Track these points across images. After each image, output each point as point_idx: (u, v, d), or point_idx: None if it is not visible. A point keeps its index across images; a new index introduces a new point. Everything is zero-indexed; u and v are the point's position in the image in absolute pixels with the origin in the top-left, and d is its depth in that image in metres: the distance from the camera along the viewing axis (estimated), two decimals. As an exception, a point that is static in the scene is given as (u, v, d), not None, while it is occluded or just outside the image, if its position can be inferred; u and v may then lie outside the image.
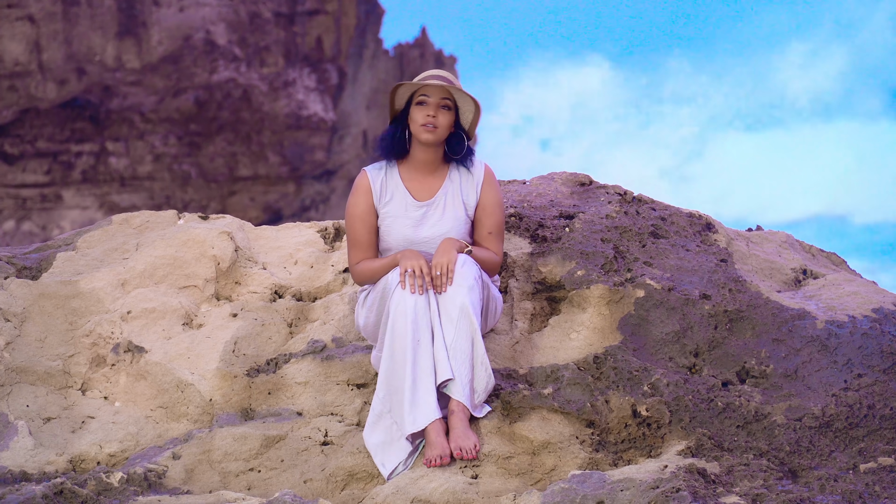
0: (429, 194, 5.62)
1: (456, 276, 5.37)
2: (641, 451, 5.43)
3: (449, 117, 5.54)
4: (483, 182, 5.65)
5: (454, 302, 5.34)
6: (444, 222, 5.58)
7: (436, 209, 5.60)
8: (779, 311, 5.82)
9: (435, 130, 5.51)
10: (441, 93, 5.52)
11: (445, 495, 5.12)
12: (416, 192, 5.62)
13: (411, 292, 5.32)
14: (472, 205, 5.63)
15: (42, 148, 38.56)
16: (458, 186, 5.64)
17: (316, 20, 40.19)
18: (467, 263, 5.42)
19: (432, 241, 5.57)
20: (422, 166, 5.62)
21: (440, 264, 5.38)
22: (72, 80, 38.47)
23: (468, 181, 5.64)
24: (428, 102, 5.51)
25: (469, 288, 5.35)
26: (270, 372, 5.81)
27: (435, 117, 5.50)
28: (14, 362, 5.84)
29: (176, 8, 39.11)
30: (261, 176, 39.62)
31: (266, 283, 6.21)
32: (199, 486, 5.46)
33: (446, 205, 5.61)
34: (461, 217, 5.60)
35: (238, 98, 39.31)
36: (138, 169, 38.93)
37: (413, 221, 5.58)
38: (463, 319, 5.33)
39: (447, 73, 5.61)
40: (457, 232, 5.59)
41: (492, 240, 5.62)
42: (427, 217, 5.59)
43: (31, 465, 5.53)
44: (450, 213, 5.59)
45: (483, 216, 5.63)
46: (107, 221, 6.59)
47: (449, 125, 5.55)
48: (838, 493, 5.02)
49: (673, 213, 6.35)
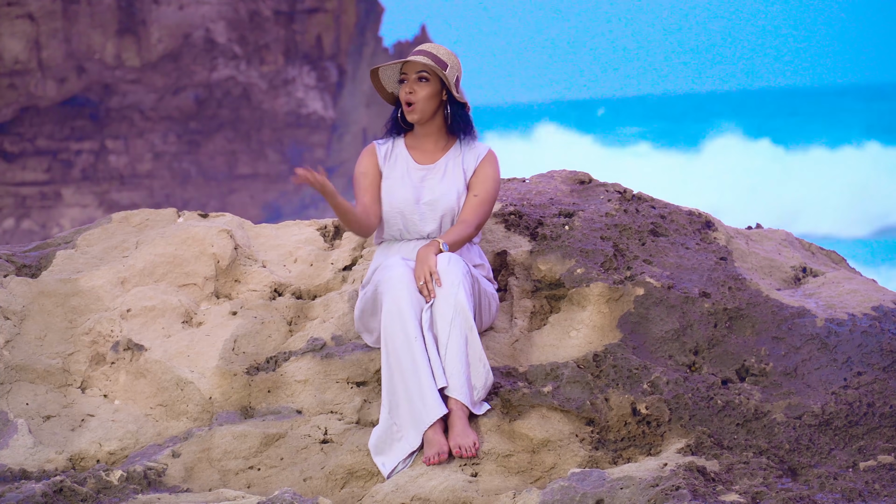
0: (431, 160, 5.73)
1: (443, 275, 5.38)
2: (641, 450, 5.43)
3: (428, 88, 5.63)
4: (484, 158, 5.74)
5: (447, 301, 5.35)
6: (441, 186, 5.67)
7: (436, 174, 5.70)
8: (778, 309, 5.82)
9: (413, 106, 5.61)
10: (415, 67, 5.63)
11: (445, 493, 5.12)
12: (418, 157, 5.75)
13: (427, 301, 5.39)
14: (470, 174, 5.73)
15: (41, 146, 38.53)
16: (461, 158, 5.73)
17: (315, 18, 40.18)
18: (452, 261, 5.43)
19: (430, 203, 5.65)
20: (424, 137, 5.75)
21: (422, 273, 5.40)
22: (71, 78, 38.45)
23: (470, 155, 5.75)
24: (407, 79, 5.64)
25: (458, 284, 5.37)
26: (270, 370, 5.81)
27: (412, 93, 5.61)
28: (14, 360, 5.84)
29: (175, 6, 39.09)
30: (260, 174, 39.60)
31: (266, 281, 6.21)
32: (198, 484, 5.46)
33: (446, 171, 5.71)
34: (460, 184, 5.69)
35: (238, 96, 39.30)
36: (138, 167, 38.91)
37: (413, 183, 5.68)
38: (457, 317, 5.34)
39: (424, 47, 5.67)
40: (454, 197, 5.66)
41: (475, 203, 5.66)
42: (426, 180, 5.69)
43: (30, 463, 5.53)
44: (449, 178, 5.69)
45: (476, 182, 5.71)
46: (106, 219, 6.59)
47: (429, 95, 5.63)
48: (838, 492, 5.02)
49: (672, 211, 6.35)
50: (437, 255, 5.45)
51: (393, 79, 5.72)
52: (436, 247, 5.49)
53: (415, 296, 5.38)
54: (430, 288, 5.37)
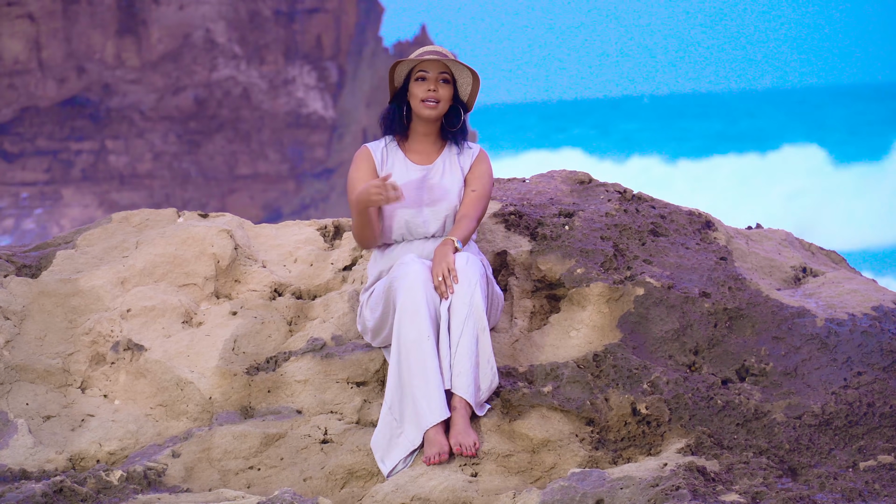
0: (428, 160, 5.76)
1: (461, 274, 5.39)
2: (641, 449, 5.43)
3: (448, 90, 5.68)
4: (477, 157, 5.79)
5: (462, 300, 5.36)
6: (444, 184, 5.70)
7: (435, 172, 5.73)
8: (778, 309, 5.82)
9: (437, 105, 5.64)
10: (439, 67, 5.64)
11: (445, 493, 5.12)
12: (415, 158, 5.76)
13: (444, 299, 5.39)
14: (466, 171, 5.76)
15: (42, 146, 38.55)
16: (456, 157, 5.77)
17: (316, 18, 40.18)
18: (471, 261, 5.44)
19: (435, 201, 5.67)
20: (421, 138, 5.76)
21: (440, 271, 5.41)
22: (71, 78, 38.46)
23: (465, 154, 5.79)
24: (427, 77, 5.64)
25: (475, 284, 5.39)
26: (270, 370, 5.81)
27: (436, 91, 5.63)
28: (14, 360, 5.84)
29: (176, 6, 39.09)
30: (260, 174, 39.60)
31: (266, 281, 6.20)
32: (198, 484, 5.46)
33: (445, 169, 5.74)
34: (459, 181, 5.73)
35: (238, 96, 39.30)
36: (138, 167, 38.92)
37: (415, 185, 5.68)
38: (471, 316, 5.36)
39: (443, 49, 5.70)
40: (456, 191, 5.69)
41: (474, 198, 5.70)
42: (428, 179, 5.71)
43: (30, 463, 5.53)
44: (448, 176, 5.72)
45: (472, 179, 5.74)
46: (106, 220, 6.59)
47: (449, 98, 5.69)
48: (838, 491, 5.02)
49: (672, 210, 6.35)
50: (455, 254, 5.47)
51: (401, 74, 5.70)
52: (452, 245, 5.52)
53: (430, 294, 5.39)
54: (449, 284, 5.39)
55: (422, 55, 5.64)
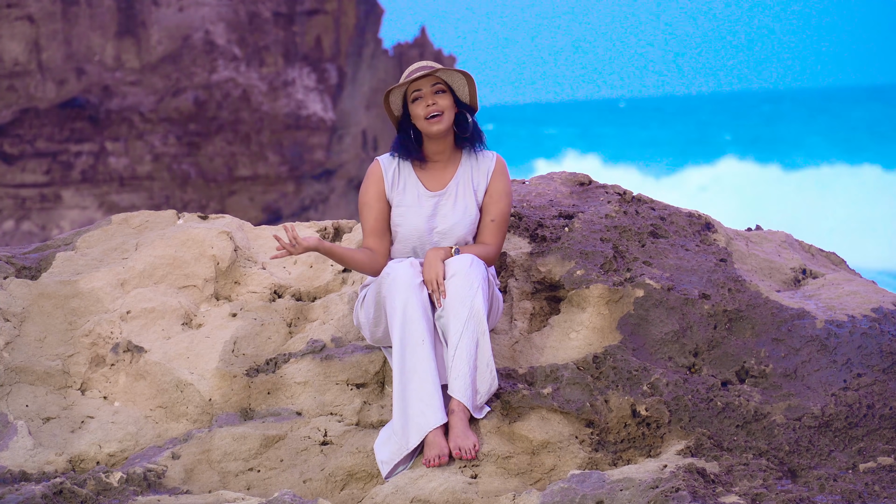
0: (440, 185, 5.68)
1: (464, 276, 5.37)
2: (641, 451, 5.43)
3: (447, 99, 5.62)
4: (494, 171, 5.70)
5: (463, 302, 5.35)
6: (455, 213, 5.63)
7: (447, 199, 5.65)
8: (778, 310, 5.82)
9: (442, 117, 5.58)
10: (430, 80, 5.61)
11: (445, 495, 5.12)
12: (428, 182, 5.68)
13: (438, 306, 5.37)
14: (481, 193, 5.68)
15: (41, 148, 38.54)
16: (470, 176, 5.69)
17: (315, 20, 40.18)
18: (475, 263, 5.43)
19: (444, 232, 5.62)
20: (434, 157, 5.69)
21: (430, 281, 5.39)
22: (71, 80, 38.46)
23: (479, 170, 5.70)
24: (423, 94, 5.59)
25: (477, 288, 5.37)
26: (270, 372, 5.81)
27: (435, 104, 5.58)
28: (13, 362, 5.84)
29: (175, 8, 39.10)
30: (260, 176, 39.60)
31: (265, 283, 6.21)
32: (198, 485, 5.46)
33: (457, 195, 5.66)
34: (472, 207, 5.65)
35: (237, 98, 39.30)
36: (137, 169, 38.91)
37: (426, 212, 5.63)
38: (471, 320, 5.35)
39: (427, 62, 5.68)
40: (468, 223, 5.62)
41: (493, 228, 5.64)
42: (439, 207, 5.64)
43: (30, 464, 5.53)
44: (461, 203, 5.65)
45: (489, 203, 5.67)
46: (106, 221, 6.59)
47: (451, 106, 5.63)
48: (838, 493, 5.02)
49: (672, 212, 6.35)
50: (453, 258, 5.43)
51: (397, 103, 5.66)
52: (446, 251, 5.48)
53: (421, 297, 5.38)
54: (438, 294, 5.37)
55: (409, 76, 5.61)
